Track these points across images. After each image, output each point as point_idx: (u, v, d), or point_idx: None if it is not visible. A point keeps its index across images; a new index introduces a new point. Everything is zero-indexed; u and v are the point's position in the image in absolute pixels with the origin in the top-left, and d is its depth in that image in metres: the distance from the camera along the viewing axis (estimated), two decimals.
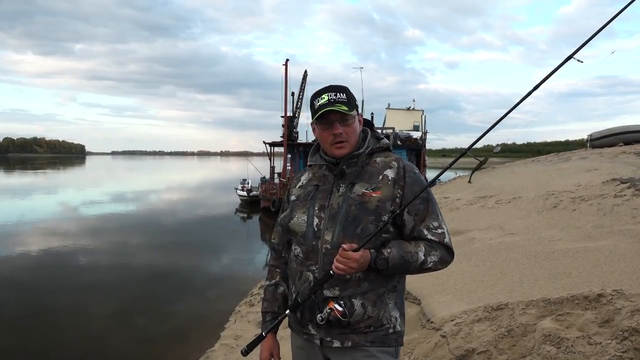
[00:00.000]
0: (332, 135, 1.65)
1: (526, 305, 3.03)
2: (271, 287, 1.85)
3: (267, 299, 1.84)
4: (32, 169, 74.02)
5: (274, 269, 1.87)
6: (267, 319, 1.81)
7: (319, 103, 1.64)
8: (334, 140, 1.65)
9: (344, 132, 1.64)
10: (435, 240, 1.62)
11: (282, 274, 1.85)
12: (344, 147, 1.66)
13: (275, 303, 1.82)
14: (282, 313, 1.75)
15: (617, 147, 14.09)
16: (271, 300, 1.83)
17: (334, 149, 1.67)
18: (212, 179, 53.06)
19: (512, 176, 10.37)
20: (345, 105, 1.62)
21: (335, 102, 1.62)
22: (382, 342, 1.63)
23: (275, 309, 1.81)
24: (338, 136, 1.64)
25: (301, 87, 29.43)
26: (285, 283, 1.83)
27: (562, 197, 6.40)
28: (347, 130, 1.65)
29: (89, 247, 14.46)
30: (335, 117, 1.63)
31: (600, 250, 3.89)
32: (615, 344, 2.38)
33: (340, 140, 1.65)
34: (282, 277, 1.84)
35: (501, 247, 4.75)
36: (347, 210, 1.63)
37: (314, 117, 1.66)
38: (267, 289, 1.86)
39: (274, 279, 1.86)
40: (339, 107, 1.61)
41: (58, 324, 7.91)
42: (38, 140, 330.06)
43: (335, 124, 1.64)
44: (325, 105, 1.62)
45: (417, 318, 3.65)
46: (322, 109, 1.62)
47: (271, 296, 1.84)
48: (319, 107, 1.63)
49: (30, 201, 27.54)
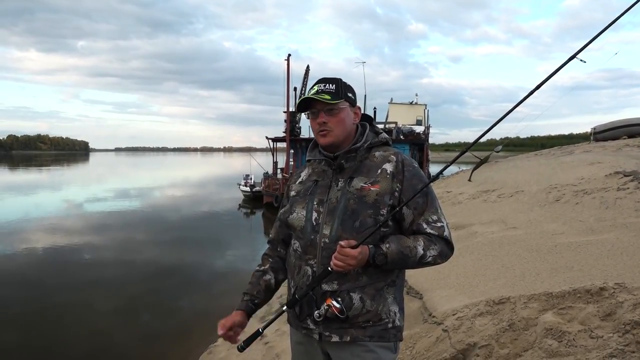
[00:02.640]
0: (317, 124, 1.69)
1: (528, 299, 3.02)
2: (258, 272, 1.84)
3: (251, 282, 1.82)
4: (36, 166, 74.27)
5: (267, 257, 1.88)
6: (243, 299, 1.78)
7: (309, 93, 1.69)
8: (319, 129, 1.69)
9: (328, 122, 1.67)
10: (434, 234, 1.62)
11: (272, 265, 1.84)
12: (327, 136, 1.69)
13: (257, 287, 1.79)
14: (260, 298, 1.77)
15: (621, 140, 14.02)
16: (254, 284, 1.81)
17: (319, 137, 1.71)
18: (215, 174, 53.13)
19: (515, 170, 10.34)
20: (329, 95, 1.65)
21: (322, 92, 1.66)
22: (381, 336, 1.63)
23: (254, 293, 1.78)
24: (322, 125, 1.68)
25: (303, 82, 29.37)
26: (273, 273, 1.83)
27: (565, 190, 6.37)
28: (332, 120, 1.67)
29: (94, 243, 14.52)
30: (321, 107, 1.67)
31: (602, 244, 3.87)
32: (617, 337, 2.37)
33: (324, 129, 1.68)
34: (271, 267, 1.84)
35: (503, 241, 4.74)
36: (345, 204, 1.63)
37: (298, 107, 1.73)
38: (254, 274, 1.85)
39: (263, 266, 1.85)
40: (322, 96, 1.64)
41: (63, 320, 7.96)
42: (42, 137, 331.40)
43: (321, 113, 1.68)
44: (311, 95, 1.67)
45: (419, 312, 3.65)
46: (302, 98, 1.70)
47: (255, 280, 1.82)
48: (303, 98, 1.70)
49: (36, 198, 27.65)
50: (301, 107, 1.72)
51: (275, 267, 1.84)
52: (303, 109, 1.72)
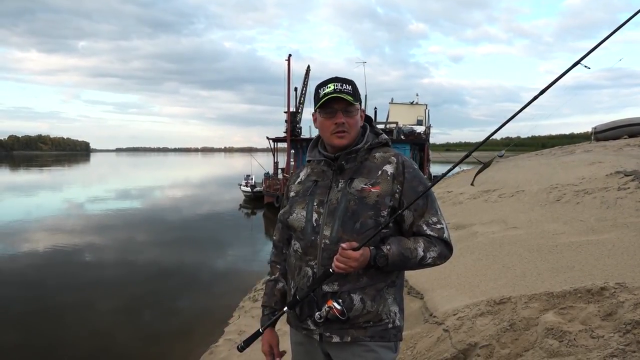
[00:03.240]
0: (334, 124, 1.65)
1: (529, 299, 3.02)
2: (271, 282, 1.89)
3: (267, 294, 1.88)
4: (37, 167, 74.35)
5: (275, 265, 1.89)
6: (265, 313, 1.85)
7: (325, 91, 1.64)
8: (335, 130, 1.65)
9: (346, 123, 1.64)
10: (434, 236, 1.62)
11: (282, 271, 1.87)
12: (344, 138, 1.66)
13: (273, 298, 1.84)
14: (279, 308, 1.77)
15: (622, 140, 14.00)
16: (270, 295, 1.86)
17: (334, 138, 1.66)
18: (216, 175, 53.15)
19: (516, 170, 10.33)
20: (350, 96, 1.63)
21: (341, 91, 1.63)
22: (382, 336, 1.63)
23: (272, 304, 1.83)
24: (340, 125, 1.64)
25: (304, 83, 29.37)
26: (284, 280, 1.85)
27: (566, 190, 6.37)
28: (350, 122, 1.65)
29: (95, 243, 14.54)
30: (340, 107, 1.64)
31: (603, 244, 3.87)
32: (618, 337, 2.37)
33: (342, 130, 1.65)
34: (281, 274, 1.87)
35: (504, 241, 4.74)
36: (346, 205, 1.62)
37: (317, 104, 1.66)
38: (267, 284, 1.90)
39: (274, 274, 1.89)
40: (345, 96, 1.62)
41: (64, 320, 7.97)
42: (43, 137, 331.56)
43: (339, 113, 1.64)
44: (331, 93, 1.62)
45: (420, 312, 3.65)
46: (328, 96, 1.62)
47: (270, 291, 1.87)
48: (324, 95, 1.63)
49: (37, 198, 27.71)
50: (322, 104, 1.64)
51: (285, 272, 1.85)
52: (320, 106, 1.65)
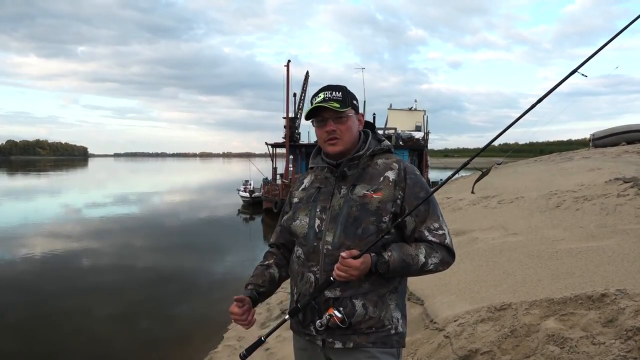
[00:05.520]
0: (325, 133, 1.69)
1: (529, 306, 3.02)
2: (262, 266, 1.82)
3: (255, 274, 1.79)
4: (35, 172, 74.21)
5: (270, 254, 1.87)
6: (247, 288, 1.74)
7: (316, 101, 1.68)
8: (327, 137, 1.69)
9: (337, 130, 1.67)
10: (436, 242, 1.62)
11: (277, 261, 1.83)
12: (336, 145, 1.69)
13: (261, 278, 1.77)
14: (265, 287, 1.75)
15: (620, 147, 14.06)
16: (258, 275, 1.78)
17: (327, 145, 1.71)
18: (215, 180, 53.10)
19: (515, 176, 10.35)
20: (338, 103, 1.65)
21: (329, 99, 1.66)
22: (384, 343, 1.63)
23: (260, 282, 1.75)
24: (331, 133, 1.68)
25: (303, 88, 29.43)
26: (277, 268, 1.81)
27: (565, 196, 6.38)
28: (341, 128, 1.68)
29: (93, 249, 14.48)
30: (329, 115, 1.67)
31: (603, 250, 3.88)
32: (619, 343, 2.37)
33: (333, 137, 1.68)
34: (275, 263, 1.82)
35: (504, 247, 4.74)
36: (348, 211, 1.63)
37: (307, 115, 1.71)
38: (258, 267, 1.83)
39: (267, 260, 1.84)
40: (331, 104, 1.64)
41: (62, 326, 7.92)
42: (41, 142, 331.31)
43: (329, 121, 1.68)
44: (320, 102, 1.66)
45: (421, 319, 3.65)
46: (313, 107, 1.68)
47: (259, 272, 1.79)
48: (313, 105, 1.68)
49: (35, 203, 27.61)
50: (309, 115, 1.71)
51: (280, 263, 1.83)
52: (310, 116, 1.71)
